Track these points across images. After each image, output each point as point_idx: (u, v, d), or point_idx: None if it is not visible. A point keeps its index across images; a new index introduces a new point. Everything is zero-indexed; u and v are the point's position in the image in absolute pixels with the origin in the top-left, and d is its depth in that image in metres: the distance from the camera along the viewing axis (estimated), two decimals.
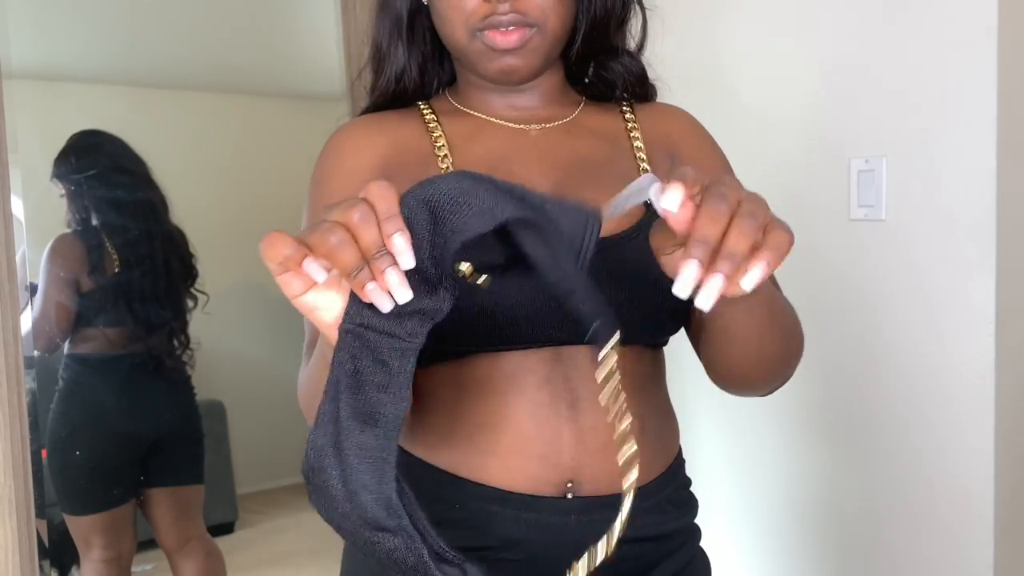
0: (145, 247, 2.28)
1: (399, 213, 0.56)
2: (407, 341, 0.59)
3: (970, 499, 1.37)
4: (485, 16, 0.83)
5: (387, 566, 0.60)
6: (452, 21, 0.85)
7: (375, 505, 0.58)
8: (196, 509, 2.40)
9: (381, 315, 0.57)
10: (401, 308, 0.57)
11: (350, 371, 0.59)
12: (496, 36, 0.83)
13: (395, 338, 0.58)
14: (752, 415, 1.68)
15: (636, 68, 0.95)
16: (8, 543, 1.38)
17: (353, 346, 0.59)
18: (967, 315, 1.34)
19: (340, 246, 0.55)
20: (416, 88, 0.94)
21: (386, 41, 0.93)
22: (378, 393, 0.59)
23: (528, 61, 0.86)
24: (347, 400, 0.58)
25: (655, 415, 0.90)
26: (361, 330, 0.58)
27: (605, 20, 0.90)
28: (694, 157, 0.93)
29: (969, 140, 1.32)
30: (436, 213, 0.56)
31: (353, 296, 0.59)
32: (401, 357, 0.59)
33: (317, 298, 0.59)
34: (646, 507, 0.88)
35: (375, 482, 0.59)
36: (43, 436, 2.16)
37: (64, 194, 2.27)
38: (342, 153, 0.91)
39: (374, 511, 0.58)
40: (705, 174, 0.59)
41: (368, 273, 0.56)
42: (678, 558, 0.92)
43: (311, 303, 0.59)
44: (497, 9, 0.82)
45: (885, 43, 1.41)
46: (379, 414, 0.59)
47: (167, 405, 2.34)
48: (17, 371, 1.39)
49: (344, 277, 0.56)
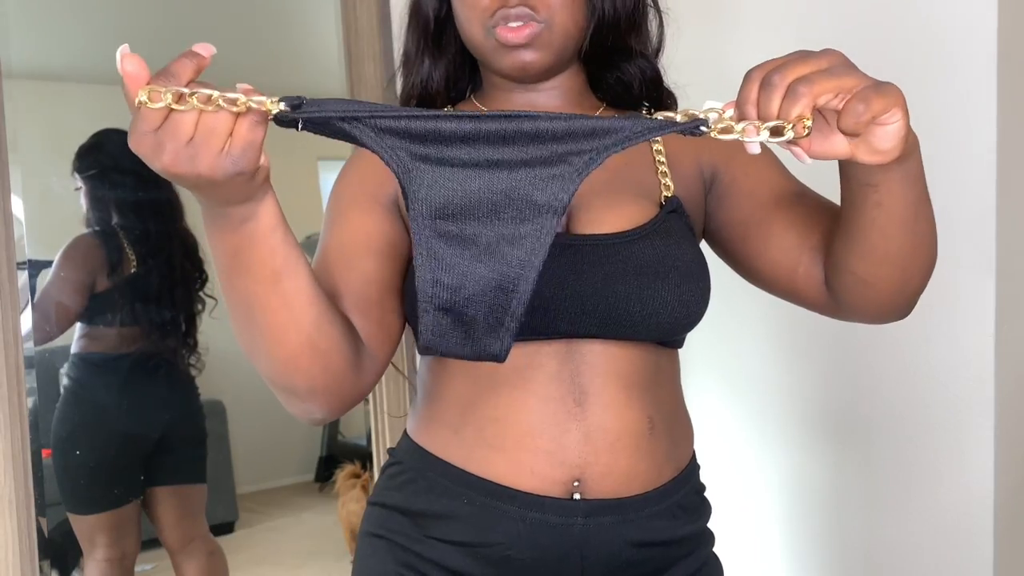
0: (161, 248, 2.30)
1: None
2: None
3: (970, 499, 1.37)
4: (496, 10, 0.85)
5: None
6: (469, 20, 0.88)
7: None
8: (199, 508, 2.40)
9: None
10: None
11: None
12: (507, 32, 0.85)
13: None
14: (752, 415, 1.68)
15: (650, 71, 0.95)
16: (8, 542, 1.38)
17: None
18: (967, 315, 1.34)
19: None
20: (441, 93, 0.96)
21: (414, 49, 0.96)
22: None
23: (540, 56, 0.87)
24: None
25: (666, 417, 0.90)
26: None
27: (615, 20, 0.91)
28: (731, 155, 0.93)
29: (969, 140, 1.32)
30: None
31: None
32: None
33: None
34: (657, 511, 0.88)
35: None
36: (47, 435, 2.16)
37: (80, 187, 2.27)
38: (360, 158, 0.93)
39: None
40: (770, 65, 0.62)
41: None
42: (689, 563, 0.92)
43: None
44: (507, 3, 0.84)
45: (885, 43, 1.41)
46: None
47: (171, 405, 2.35)
48: (17, 371, 1.39)
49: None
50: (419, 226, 0.65)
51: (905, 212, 0.72)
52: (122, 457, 2.24)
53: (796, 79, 0.60)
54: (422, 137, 0.63)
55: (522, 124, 0.63)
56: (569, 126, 0.63)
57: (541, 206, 0.65)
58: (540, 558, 0.85)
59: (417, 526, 0.89)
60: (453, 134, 0.63)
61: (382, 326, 0.85)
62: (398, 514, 0.91)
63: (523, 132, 0.63)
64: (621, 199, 0.87)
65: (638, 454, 0.86)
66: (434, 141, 0.63)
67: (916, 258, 0.77)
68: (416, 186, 0.64)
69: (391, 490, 0.93)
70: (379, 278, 0.86)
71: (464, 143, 0.63)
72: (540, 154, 0.64)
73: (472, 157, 0.64)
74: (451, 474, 0.87)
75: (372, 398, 1.84)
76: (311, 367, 0.76)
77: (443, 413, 0.89)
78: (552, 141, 0.63)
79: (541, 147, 0.64)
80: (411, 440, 0.94)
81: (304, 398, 0.79)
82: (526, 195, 0.65)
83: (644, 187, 0.90)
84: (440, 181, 0.64)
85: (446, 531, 0.88)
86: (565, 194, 0.65)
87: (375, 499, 0.96)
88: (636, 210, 0.87)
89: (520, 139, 0.63)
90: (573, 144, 0.64)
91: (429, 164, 0.64)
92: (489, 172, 0.64)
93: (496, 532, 0.85)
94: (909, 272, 0.78)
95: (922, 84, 1.38)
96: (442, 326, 0.68)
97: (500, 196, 0.65)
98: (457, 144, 0.63)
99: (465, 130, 0.63)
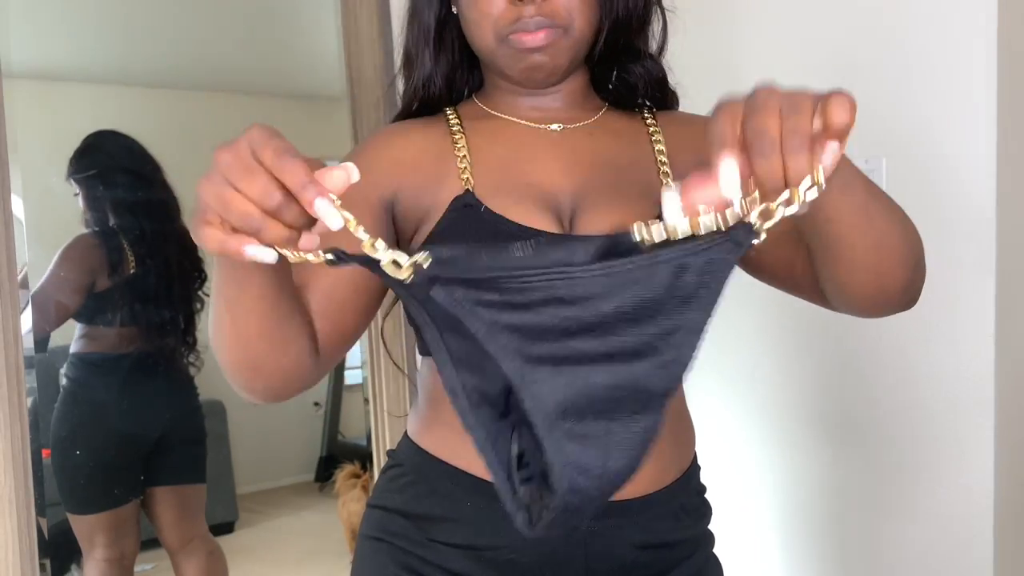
0: (159, 248, 2.30)
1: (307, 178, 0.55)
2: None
3: (970, 499, 1.37)
4: (513, 20, 0.84)
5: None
6: (481, 26, 0.87)
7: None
8: (198, 508, 2.41)
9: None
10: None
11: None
12: (524, 36, 0.85)
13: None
14: (751, 415, 1.68)
15: (657, 72, 0.95)
16: (8, 542, 1.38)
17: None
18: (967, 315, 1.34)
19: (264, 220, 0.55)
20: (442, 94, 0.95)
21: (414, 49, 0.95)
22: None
23: (554, 59, 0.87)
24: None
25: (669, 419, 0.90)
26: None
27: (627, 21, 0.91)
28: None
29: (969, 140, 1.32)
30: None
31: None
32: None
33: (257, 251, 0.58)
34: (659, 514, 0.88)
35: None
36: (46, 435, 2.16)
37: (78, 193, 2.27)
38: (361, 154, 0.93)
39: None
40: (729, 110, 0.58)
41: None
42: (690, 565, 0.92)
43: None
44: (524, 13, 0.84)
45: (885, 43, 1.41)
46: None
47: (170, 405, 2.35)
48: (17, 371, 1.39)
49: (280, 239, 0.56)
50: (546, 430, 0.60)
51: (856, 218, 0.70)
52: (121, 457, 2.24)
53: (780, 131, 0.56)
54: (536, 334, 0.58)
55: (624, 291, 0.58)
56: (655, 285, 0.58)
57: (656, 394, 0.61)
58: (543, 561, 0.85)
59: (419, 529, 0.89)
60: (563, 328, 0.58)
61: (337, 327, 0.83)
62: (399, 517, 0.91)
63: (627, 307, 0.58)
64: (624, 199, 0.87)
65: None
66: (551, 337, 0.58)
67: (888, 256, 0.75)
68: (535, 390, 0.59)
69: (392, 493, 0.93)
70: (351, 279, 0.83)
71: (580, 334, 0.58)
72: (649, 333, 0.59)
73: (590, 348, 0.59)
74: (454, 476, 0.87)
75: (372, 398, 1.84)
76: (274, 366, 0.76)
77: (445, 414, 0.89)
78: (652, 316, 0.59)
79: (648, 325, 0.59)
80: (412, 442, 0.93)
81: (252, 383, 0.78)
82: (644, 385, 0.60)
83: (647, 187, 0.90)
84: (561, 381, 0.59)
85: (449, 534, 0.87)
86: (675, 381, 0.61)
87: (375, 502, 0.95)
88: (639, 210, 0.87)
89: (627, 320, 0.58)
90: (668, 317, 0.59)
91: (547, 366, 0.59)
92: (606, 368, 0.59)
93: (500, 535, 0.85)
94: (884, 270, 0.76)
95: (922, 84, 1.38)
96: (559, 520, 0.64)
97: (619, 391, 0.60)
98: (572, 336, 0.58)
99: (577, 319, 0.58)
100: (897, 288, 0.79)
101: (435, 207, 0.87)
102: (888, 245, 0.74)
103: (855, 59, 1.45)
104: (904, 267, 0.77)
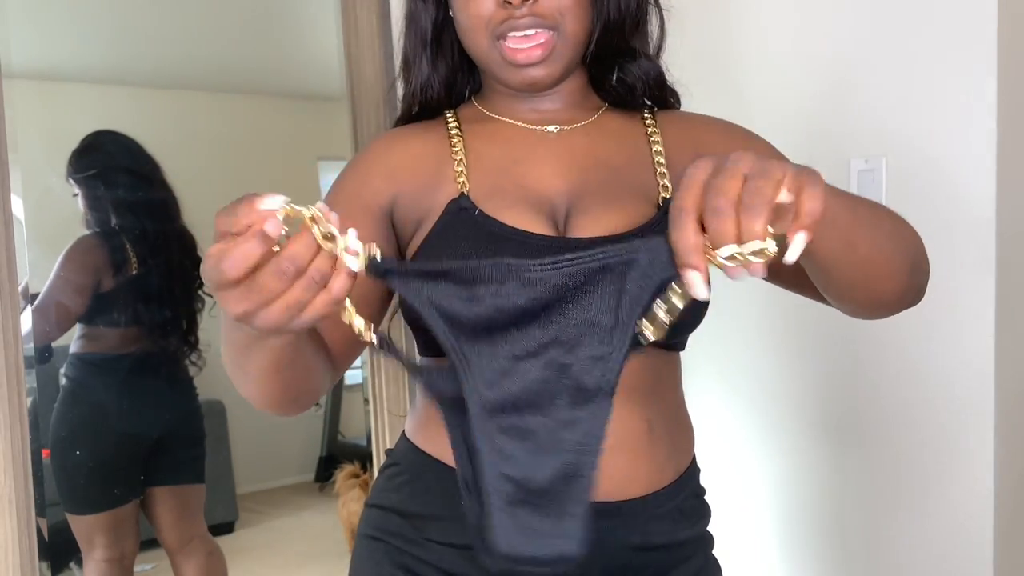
0: (161, 248, 2.30)
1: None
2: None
3: (970, 499, 1.37)
4: (503, 21, 0.85)
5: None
6: (473, 29, 0.87)
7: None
8: (197, 508, 2.40)
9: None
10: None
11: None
12: (517, 53, 0.85)
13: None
14: (751, 416, 1.68)
15: (654, 71, 0.95)
16: (8, 542, 1.38)
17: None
18: (967, 315, 1.34)
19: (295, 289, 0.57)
20: (441, 98, 0.96)
21: (412, 54, 0.96)
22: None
23: (551, 70, 0.88)
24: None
25: (666, 420, 0.90)
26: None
27: (620, 21, 0.91)
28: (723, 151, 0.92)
29: (969, 140, 1.32)
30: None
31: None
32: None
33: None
34: (656, 515, 0.88)
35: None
36: (45, 435, 2.16)
37: (78, 193, 2.27)
38: (361, 162, 0.94)
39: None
40: (695, 178, 0.57)
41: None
42: (688, 566, 0.92)
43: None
44: (514, 13, 0.84)
45: (885, 43, 1.41)
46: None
47: (169, 405, 2.35)
48: (17, 371, 1.39)
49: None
50: (479, 421, 0.63)
51: (837, 252, 0.70)
52: (121, 457, 2.24)
53: (740, 193, 0.56)
54: (480, 322, 0.61)
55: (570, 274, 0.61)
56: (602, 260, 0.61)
57: (592, 390, 0.63)
58: None
59: (415, 528, 0.89)
60: (510, 312, 0.61)
61: (348, 339, 0.82)
62: (396, 516, 0.91)
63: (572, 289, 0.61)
64: (619, 200, 0.87)
65: (636, 457, 0.86)
66: (493, 325, 0.61)
67: (880, 271, 0.75)
68: (475, 380, 0.62)
69: (389, 492, 0.93)
70: (357, 292, 0.84)
71: (516, 326, 0.61)
72: (585, 320, 0.61)
73: (526, 344, 0.62)
74: (448, 475, 0.87)
75: (372, 398, 1.84)
76: (296, 392, 0.77)
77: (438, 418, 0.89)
78: (589, 311, 0.61)
79: (586, 312, 0.61)
80: (409, 441, 0.94)
81: (274, 408, 0.79)
82: (577, 380, 0.63)
83: (643, 188, 0.90)
84: (499, 376, 0.62)
85: (444, 533, 0.88)
86: (612, 375, 0.63)
87: (373, 501, 0.95)
88: (634, 211, 0.87)
89: (569, 305, 0.61)
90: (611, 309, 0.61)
91: (485, 355, 0.62)
92: (544, 359, 0.62)
93: None
94: (878, 285, 0.76)
95: (922, 84, 1.38)
96: (509, 526, 0.65)
97: (556, 384, 0.63)
98: (512, 330, 0.61)
99: (519, 305, 0.61)
100: (895, 295, 0.79)
101: (431, 210, 0.88)
102: (878, 262, 0.74)
103: (855, 59, 1.45)
104: (898, 276, 0.78)
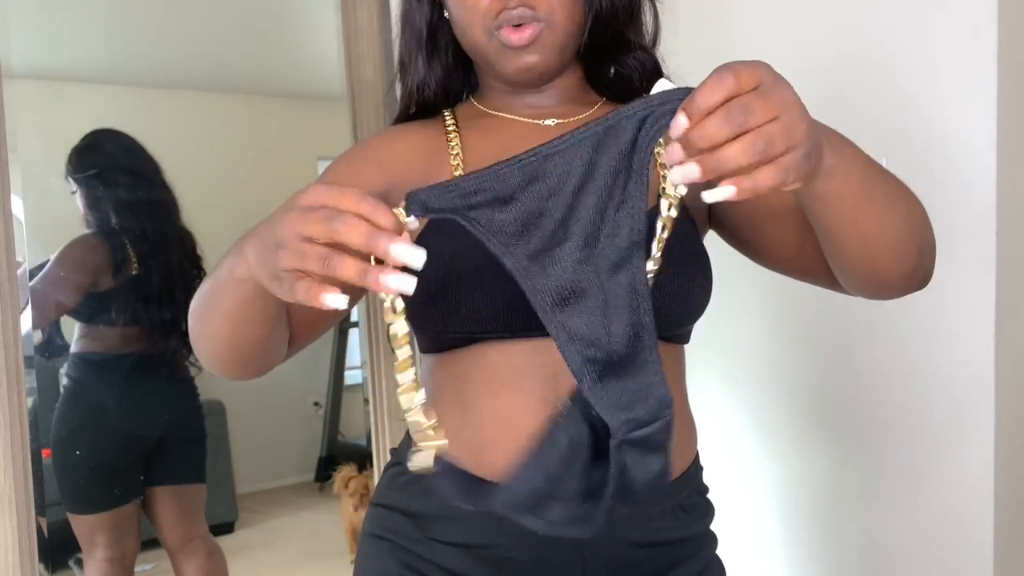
0: (160, 247, 2.30)
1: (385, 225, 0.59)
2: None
3: (970, 499, 1.37)
4: (498, 12, 0.86)
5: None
6: (470, 23, 0.88)
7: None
8: (198, 508, 2.41)
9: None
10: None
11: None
12: (510, 34, 0.86)
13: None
14: (752, 414, 1.68)
15: (650, 62, 0.95)
16: (8, 542, 1.38)
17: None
18: (967, 315, 1.34)
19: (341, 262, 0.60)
20: (438, 98, 0.97)
21: (408, 55, 0.97)
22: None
23: (544, 57, 0.88)
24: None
25: None
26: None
27: (612, 13, 0.91)
28: None
29: (969, 140, 1.32)
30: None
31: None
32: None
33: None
34: (659, 512, 0.88)
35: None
36: (46, 435, 2.16)
37: (76, 191, 2.27)
38: (355, 153, 0.95)
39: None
40: (748, 76, 0.59)
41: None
42: (691, 565, 0.92)
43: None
44: (508, 4, 0.85)
45: (885, 43, 1.41)
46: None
47: (170, 404, 2.35)
48: (17, 371, 1.39)
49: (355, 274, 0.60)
50: (547, 316, 0.65)
51: (848, 200, 0.70)
52: (122, 457, 2.24)
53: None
54: (524, 222, 0.64)
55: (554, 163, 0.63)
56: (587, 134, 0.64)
57: (626, 248, 0.66)
58: (542, 559, 0.85)
59: (418, 527, 0.89)
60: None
61: (311, 322, 0.89)
62: (400, 515, 0.91)
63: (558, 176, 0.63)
64: None
65: None
66: (540, 225, 0.64)
67: (891, 236, 0.75)
68: (532, 280, 0.65)
69: (393, 491, 0.94)
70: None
71: (549, 213, 0.64)
72: (604, 186, 0.64)
73: (564, 229, 0.64)
74: None
75: (372, 398, 1.84)
76: (259, 363, 0.85)
77: (443, 414, 0.89)
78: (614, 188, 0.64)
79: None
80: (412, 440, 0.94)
81: (231, 374, 0.87)
82: (613, 241, 0.66)
83: None
84: (549, 264, 0.65)
85: (447, 532, 0.88)
86: (640, 224, 0.65)
87: (377, 500, 0.96)
88: None
89: (588, 179, 0.64)
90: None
91: (539, 256, 0.65)
92: (582, 236, 0.64)
93: (497, 533, 0.85)
94: (889, 251, 0.76)
95: (923, 83, 1.38)
96: (605, 402, 0.68)
97: (597, 257, 0.65)
98: (545, 218, 0.64)
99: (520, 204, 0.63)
100: (906, 268, 0.79)
101: None
102: (890, 227, 0.74)
103: (855, 58, 1.46)
104: (910, 245, 0.78)
